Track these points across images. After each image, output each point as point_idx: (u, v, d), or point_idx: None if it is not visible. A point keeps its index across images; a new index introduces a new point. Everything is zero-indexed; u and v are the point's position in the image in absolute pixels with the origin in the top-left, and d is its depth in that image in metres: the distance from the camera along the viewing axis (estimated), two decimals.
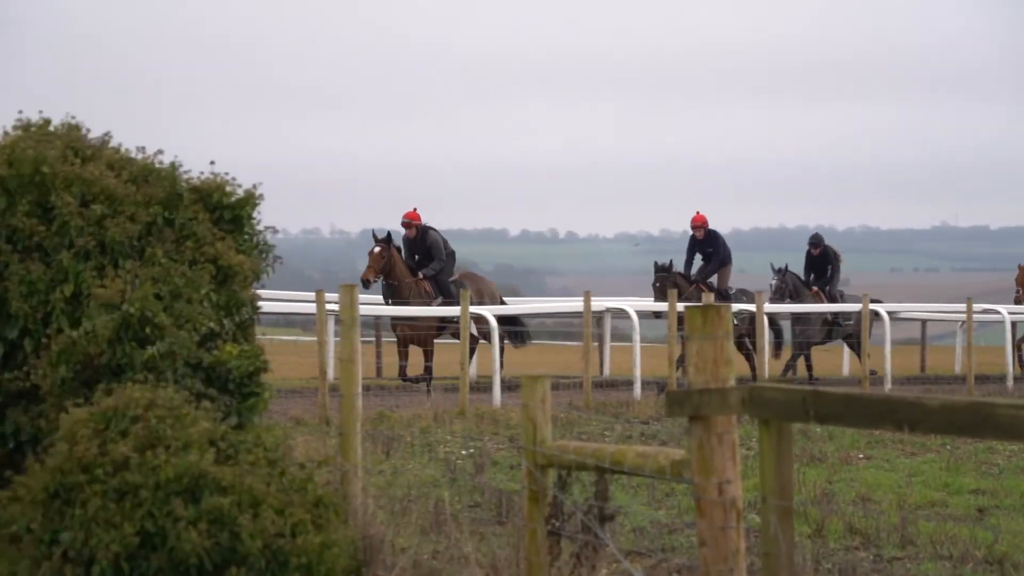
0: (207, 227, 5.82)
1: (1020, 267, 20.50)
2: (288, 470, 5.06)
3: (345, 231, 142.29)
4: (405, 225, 13.85)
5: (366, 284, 13.53)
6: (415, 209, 13.90)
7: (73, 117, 6.05)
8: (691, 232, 15.70)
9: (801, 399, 3.43)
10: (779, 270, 16.44)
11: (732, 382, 3.70)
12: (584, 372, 14.36)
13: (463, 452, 10.29)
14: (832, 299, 16.52)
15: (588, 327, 14.22)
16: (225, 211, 5.87)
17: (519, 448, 6.22)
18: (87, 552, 4.81)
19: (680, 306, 13.70)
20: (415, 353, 14.12)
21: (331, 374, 12.41)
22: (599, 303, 15.65)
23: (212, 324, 5.59)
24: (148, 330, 5.35)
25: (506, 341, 14.85)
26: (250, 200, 5.92)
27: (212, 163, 5.95)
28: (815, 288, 16.54)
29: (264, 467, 4.96)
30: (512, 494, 7.30)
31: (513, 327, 14.91)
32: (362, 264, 13.95)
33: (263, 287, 6.55)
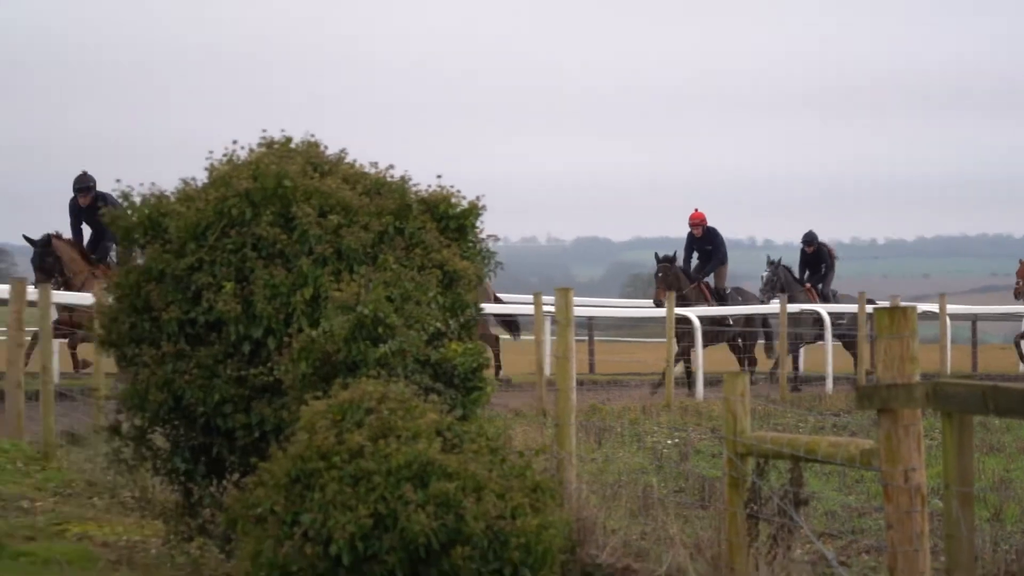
0: (434, 235, 6.12)
1: (1021, 261, 20.73)
2: (508, 458, 5.26)
3: (560, 239, 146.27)
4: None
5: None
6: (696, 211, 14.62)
7: (312, 135, 6.44)
8: (689, 230, 15.75)
9: (981, 394, 3.72)
10: (772, 262, 16.49)
11: (917, 378, 3.92)
12: (780, 368, 14.78)
13: (669, 442, 11.07)
14: (824, 297, 16.44)
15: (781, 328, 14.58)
16: (451, 221, 6.19)
17: (720, 438, 6.54)
18: (325, 532, 5.06)
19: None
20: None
21: (548, 370, 13.04)
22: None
23: (439, 324, 5.85)
24: (380, 330, 5.64)
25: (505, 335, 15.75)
26: (473, 211, 6.23)
27: (439, 176, 6.28)
28: (808, 284, 16.48)
29: (486, 455, 5.16)
30: (714, 480, 7.68)
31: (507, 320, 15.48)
32: (577, 269, 14.83)
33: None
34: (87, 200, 12.43)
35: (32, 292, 10.69)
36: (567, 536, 5.48)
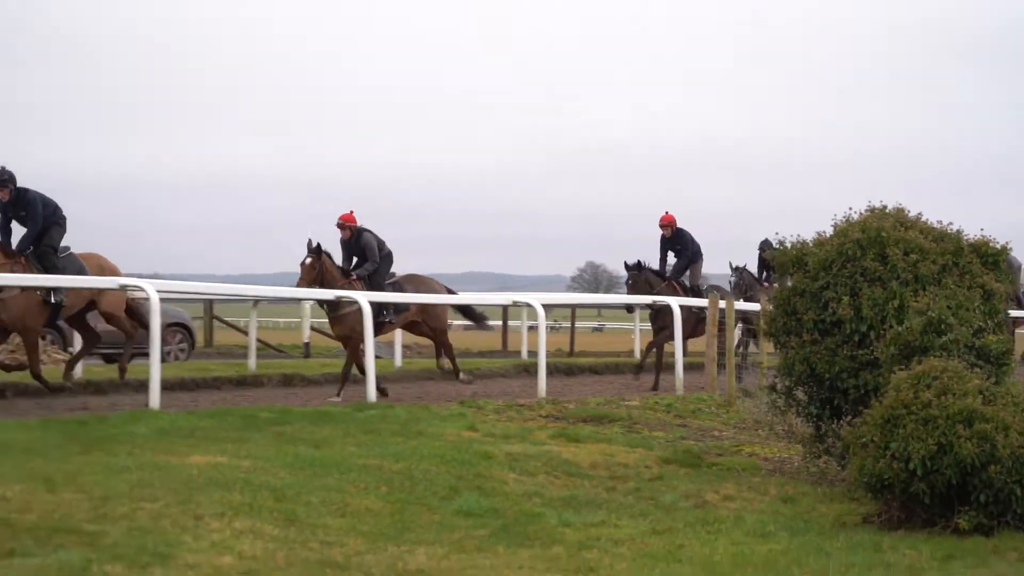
0: (978, 267, 7.87)
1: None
2: None
3: None
4: (339, 227, 12.32)
5: None
6: (351, 212, 12.39)
7: (899, 203, 8.41)
8: (661, 232, 14.42)
9: None
10: (736, 268, 16.46)
11: None
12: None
13: None
14: None
15: None
16: (988, 257, 7.95)
17: None
18: (906, 454, 6.33)
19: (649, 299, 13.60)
20: None
21: None
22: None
23: (980, 323, 7.42)
24: (942, 327, 7.20)
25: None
26: (1003, 251, 7.97)
27: (981, 229, 8.12)
28: (767, 284, 15.77)
29: (1011, 407, 6.47)
30: None
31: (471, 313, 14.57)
32: None
33: None
34: (6, 195, 10.68)
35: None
36: None
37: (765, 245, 15.16)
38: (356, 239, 12.16)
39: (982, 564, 5.76)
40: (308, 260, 11.78)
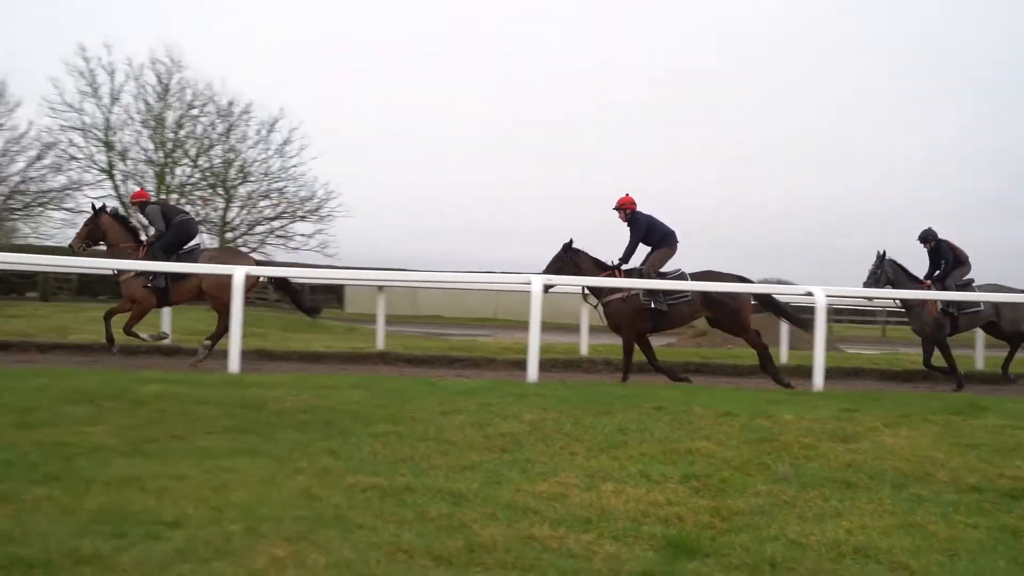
0: None
1: None
2: None
3: None
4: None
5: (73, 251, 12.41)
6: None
7: None
8: None
9: None
10: (879, 255, 13.39)
11: None
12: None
13: None
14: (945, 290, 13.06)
15: None
16: None
17: None
18: None
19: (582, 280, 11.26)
20: None
21: None
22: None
23: None
24: None
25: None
26: None
27: None
28: (927, 280, 13.28)
29: None
30: None
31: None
32: None
33: None
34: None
35: None
36: None
37: (928, 236, 13.65)
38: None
39: None
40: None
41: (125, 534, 4.10)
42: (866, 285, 13.22)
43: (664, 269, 11.49)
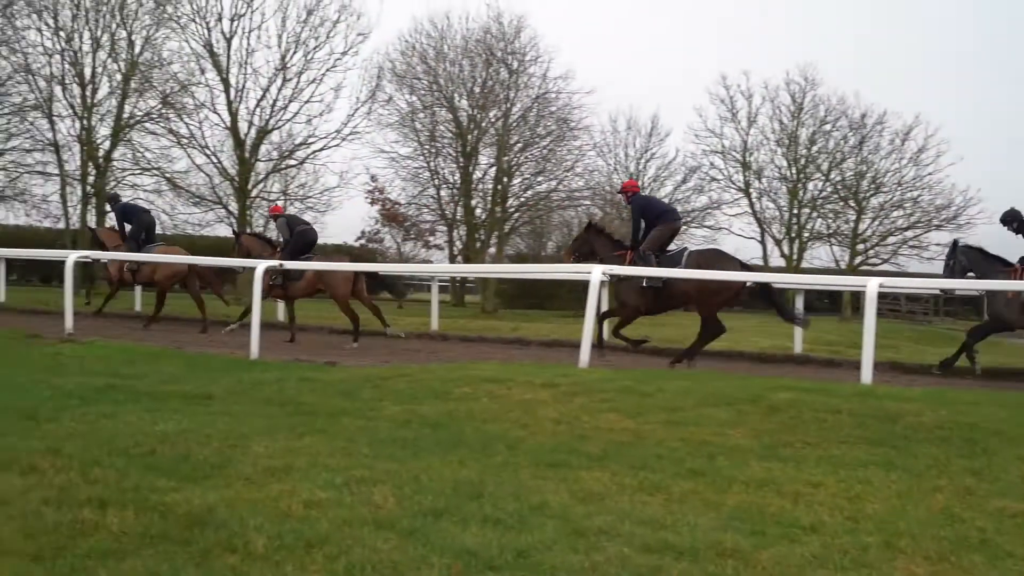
0: None
1: None
2: None
3: None
4: None
5: None
6: None
7: None
8: None
9: None
10: (953, 244, 12.16)
11: None
12: None
13: None
14: None
15: None
16: None
17: None
18: None
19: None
20: None
21: None
22: None
23: None
24: None
25: None
26: None
27: None
28: (1018, 265, 11.31)
29: None
30: None
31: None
32: None
33: None
34: None
35: None
36: None
37: (1012, 217, 11.95)
38: None
39: None
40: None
41: (763, 533, 4.19)
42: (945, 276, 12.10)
43: (669, 249, 11.62)
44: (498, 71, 28.36)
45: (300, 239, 14.20)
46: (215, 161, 26.09)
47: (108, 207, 19.41)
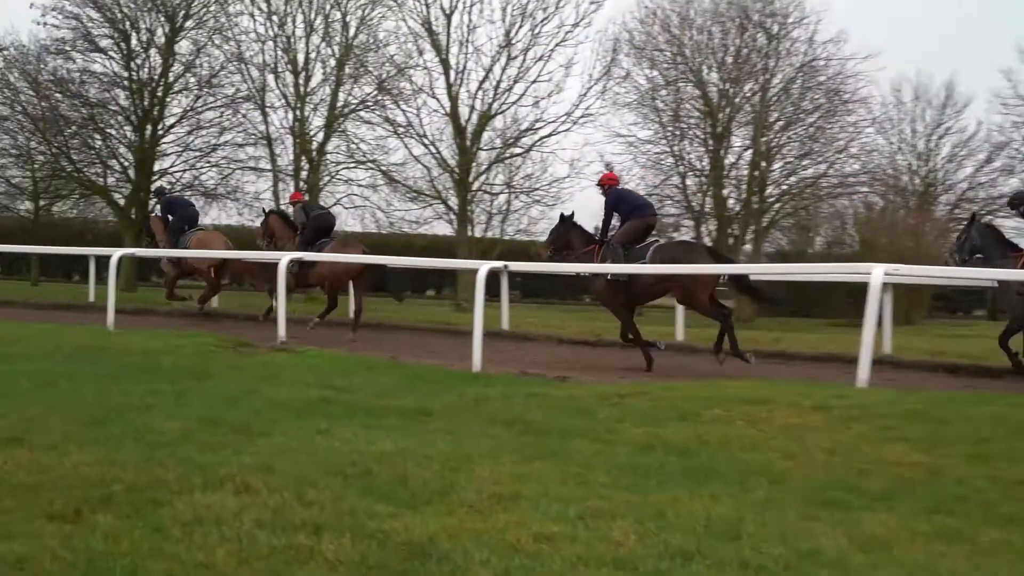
0: None
1: None
2: None
3: None
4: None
5: None
6: None
7: None
8: None
9: None
10: (971, 218, 13.06)
11: None
12: None
13: None
14: None
15: None
16: None
17: None
18: None
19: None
20: None
21: None
22: None
23: None
24: None
25: None
26: None
27: None
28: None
29: None
30: None
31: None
32: None
33: None
34: None
35: None
36: None
37: (1021, 200, 12.70)
38: None
39: None
40: None
41: None
42: (950, 255, 12.86)
43: (642, 243, 12.60)
44: (755, 37, 27.82)
45: (315, 224, 16.27)
46: (434, 151, 27.02)
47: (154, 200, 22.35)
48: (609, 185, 13.51)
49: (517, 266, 13.65)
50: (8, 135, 28.60)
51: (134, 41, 27.58)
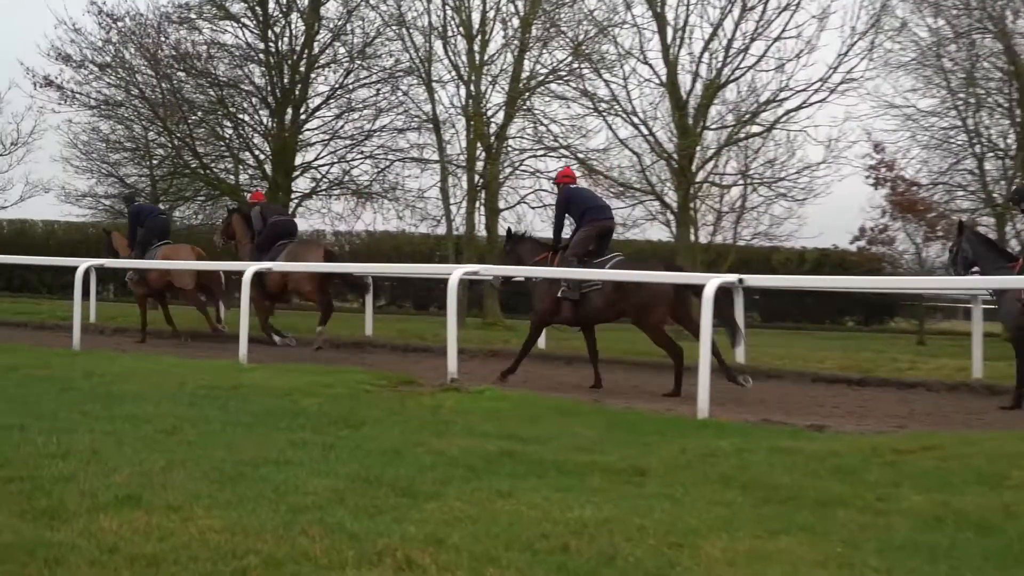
0: None
1: None
2: None
3: None
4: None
5: None
6: None
7: None
8: None
9: None
10: (958, 226, 14.26)
11: None
12: None
13: None
14: None
15: None
16: None
17: None
18: None
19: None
20: None
21: None
22: None
23: None
24: None
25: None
26: None
27: None
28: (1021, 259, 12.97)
29: None
30: None
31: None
32: None
33: None
34: None
35: None
36: None
37: (1016, 196, 13.94)
38: None
39: None
40: None
41: None
42: (946, 270, 15.17)
43: (602, 255, 14.01)
44: None
45: (271, 231, 18.35)
46: (645, 132, 26.73)
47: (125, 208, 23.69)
48: (563, 183, 15.04)
49: (754, 280, 13.51)
50: (123, 125, 30.01)
51: (272, 4, 28.58)
